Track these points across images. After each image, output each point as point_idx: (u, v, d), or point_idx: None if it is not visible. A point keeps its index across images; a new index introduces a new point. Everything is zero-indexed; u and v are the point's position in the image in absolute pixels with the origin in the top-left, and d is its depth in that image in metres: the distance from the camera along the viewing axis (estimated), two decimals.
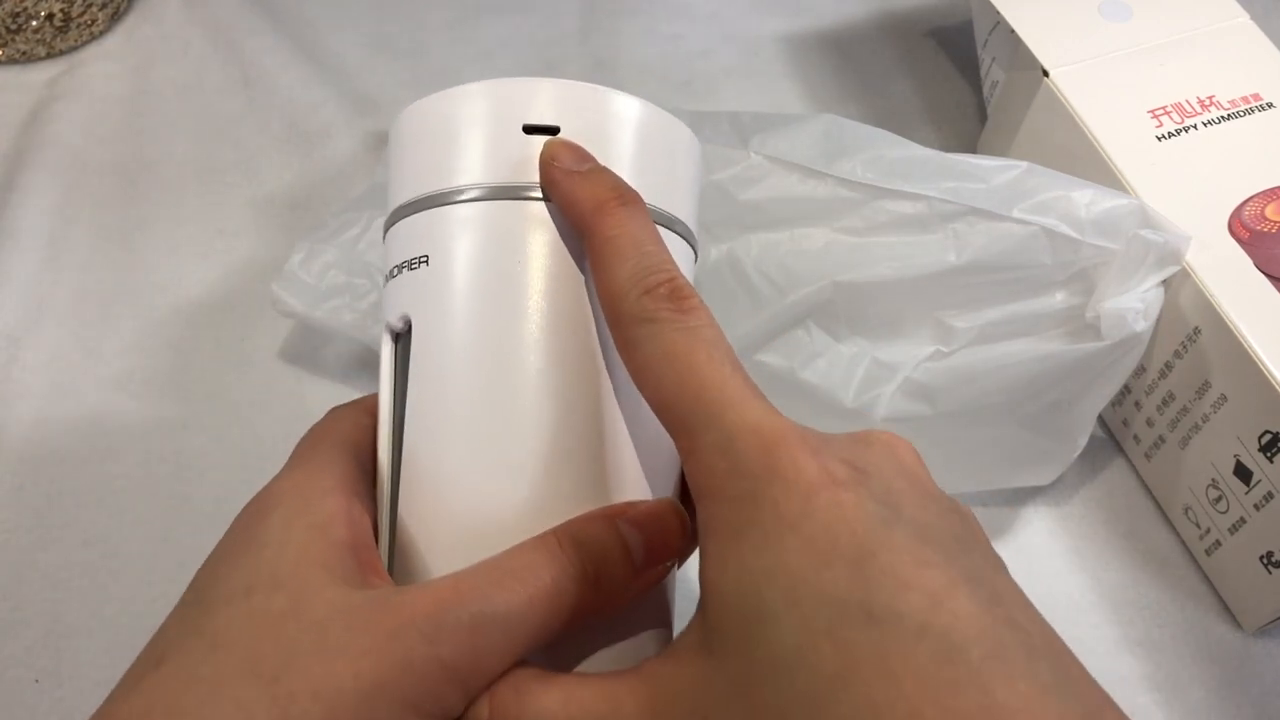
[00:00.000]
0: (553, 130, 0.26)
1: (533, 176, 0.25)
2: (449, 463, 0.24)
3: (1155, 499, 0.43)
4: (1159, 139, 0.42)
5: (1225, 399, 0.38)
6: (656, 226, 0.25)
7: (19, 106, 0.55)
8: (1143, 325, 0.37)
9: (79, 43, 0.57)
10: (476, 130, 0.26)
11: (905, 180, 0.39)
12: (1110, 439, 0.45)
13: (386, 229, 0.27)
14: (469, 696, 0.22)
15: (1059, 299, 0.39)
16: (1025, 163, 0.39)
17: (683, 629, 0.22)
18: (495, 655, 0.22)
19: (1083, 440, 0.40)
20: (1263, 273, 0.39)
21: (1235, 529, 0.39)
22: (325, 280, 0.43)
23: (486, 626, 0.21)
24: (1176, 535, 0.43)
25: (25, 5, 0.54)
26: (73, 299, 0.47)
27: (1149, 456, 0.43)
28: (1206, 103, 0.43)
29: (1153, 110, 0.43)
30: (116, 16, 0.59)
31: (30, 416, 0.44)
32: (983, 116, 0.55)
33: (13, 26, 0.55)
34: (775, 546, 0.20)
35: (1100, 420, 0.45)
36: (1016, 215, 0.38)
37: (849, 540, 0.19)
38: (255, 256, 0.49)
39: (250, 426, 0.44)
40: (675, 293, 0.23)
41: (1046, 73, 0.44)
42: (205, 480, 0.42)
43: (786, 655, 0.19)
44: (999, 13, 0.47)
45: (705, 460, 0.21)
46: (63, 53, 0.57)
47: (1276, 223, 0.40)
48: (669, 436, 0.23)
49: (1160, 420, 0.42)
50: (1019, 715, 0.17)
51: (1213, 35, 0.46)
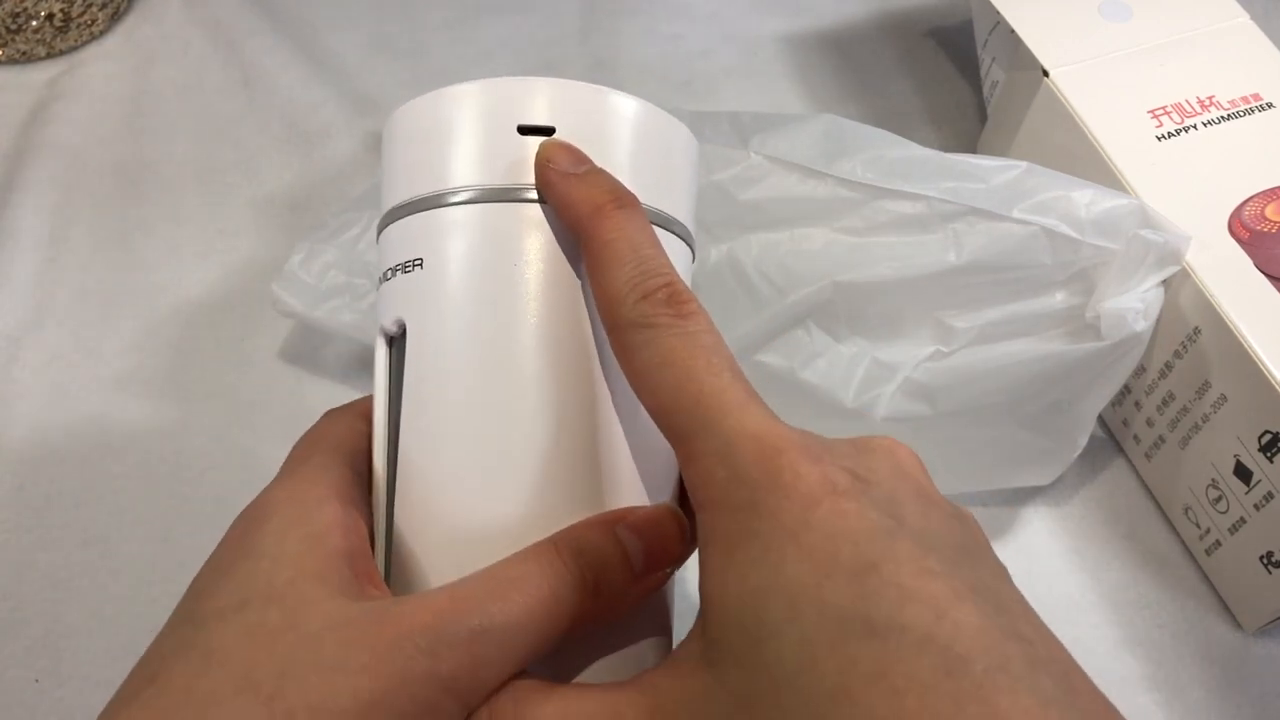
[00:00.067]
0: (548, 131, 0.25)
1: (528, 178, 0.25)
2: (445, 469, 0.24)
3: (1155, 499, 0.43)
4: (1159, 139, 0.42)
5: (1225, 399, 0.38)
6: (654, 228, 0.25)
7: (19, 106, 0.55)
8: (1143, 325, 0.37)
9: (79, 43, 0.57)
10: (471, 131, 0.25)
11: (905, 180, 0.39)
12: (1110, 439, 0.45)
13: (380, 230, 0.27)
14: (467, 709, 0.21)
15: (1059, 299, 0.39)
16: (1025, 163, 0.39)
17: (683, 639, 0.22)
18: (494, 667, 0.21)
19: (1083, 440, 0.40)
20: (1263, 273, 0.39)
21: (1235, 529, 0.39)
22: (325, 280, 0.43)
23: (485, 638, 0.21)
24: (1176, 535, 0.43)
25: (25, 5, 0.54)
26: (73, 299, 0.47)
27: (1149, 456, 0.43)
28: (1206, 103, 0.43)
29: (1153, 110, 0.43)
30: (116, 16, 0.59)
31: (30, 416, 0.44)
32: (983, 116, 0.55)
33: (13, 26, 0.55)
34: (776, 558, 0.19)
35: (1100, 420, 0.45)
36: (1016, 215, 0.38)
37: (850, 551, 0.19)
38: (255, 256, 0.49)
39: (250, 426, 0.44)
40: (673, 297, 0.23)
41: (1046, 73, 0.44)
42: (205, 480, 0.42)
43: (788, 669, 0.19)
44: (999, 13, 0.47)
45: (704, 468, 0.21)
46: (63, 53, 0.57)
47: (1276, 223, 0.40)
48: (667, 441, 0.23)
49: (1160, 420, 0.42)
50: None
51: (1213, 35, 0.46)
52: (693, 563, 0.24)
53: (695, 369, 0.22)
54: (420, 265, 0.25)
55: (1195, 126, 0.43)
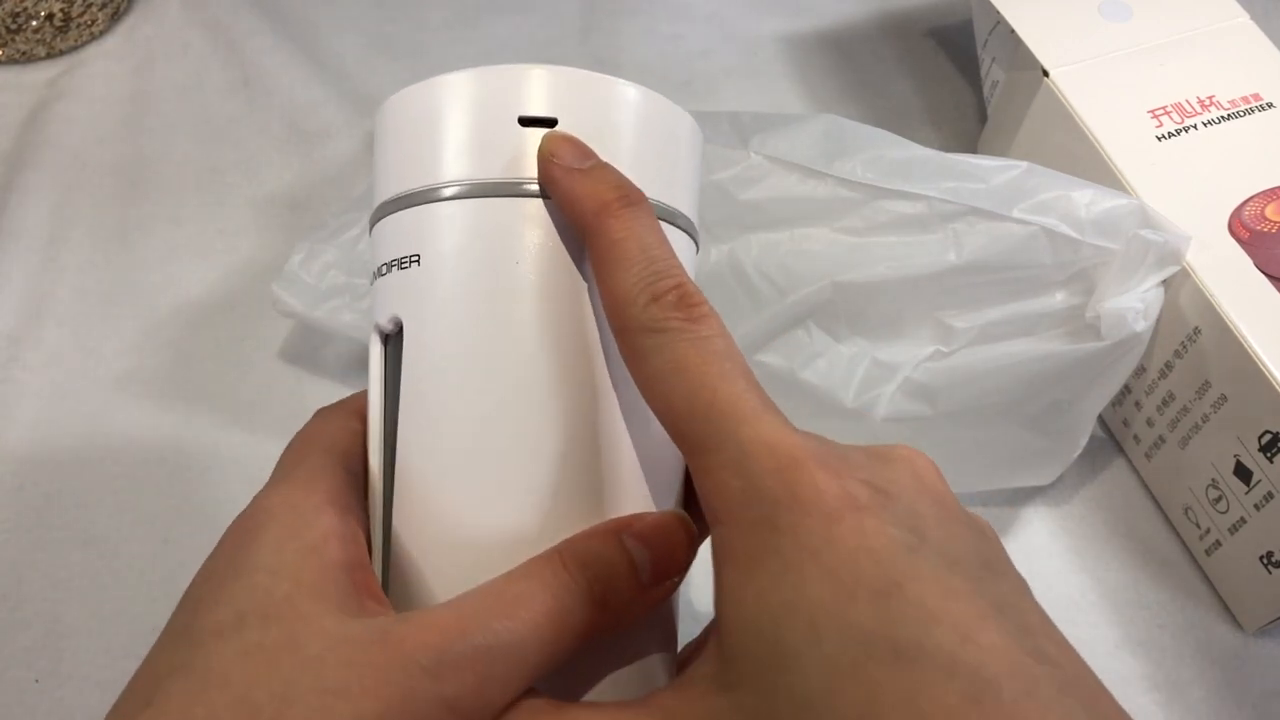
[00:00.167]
0: (550, 122, 0.24)
1: (530, 172, 0.24)
2: (445, 473, 0.24)
3: (1155, 499, 0.43)
4: (1159, 139, 0.42)
5: (1225, 399, 0.38)
6: (661, 225, 0.24)
7: (19, 106, 0.55)
8: (1143, 325, 0.37)
9: (79, 43, 0.57)
10: (469, 122, 0.24)
11: (905, 180, 0.39)
12: (1110, 439, 0.45)
13: (373, 224, 0.26)
14: None
15: (1059, 299, 0.39)
16: (1025, 163, 0.39)
17: (695, 657, 0.22)
18: (500, 686, 0.21)
19: (1083, 440, 0.40)
20: (1263, 273, 0.39)
21: (1235, 529, 0.39)
22: (325, 280, 0.43)
23: (492, 658, 0.20)
24: (1176, 535, 0.43)
25: (25, 5, 0.54)
26: (73, 299, 0.47)
27: (1149, 456, 0.43)
28: (1206, 103, 0.43)
29: (1153, 110, 0.43)
30: (116, 16, 0.59)
31: (30, 416, 0.44)
32: (983, 116, 0.55)
33: (13, 26, 0.55)
34: (796, 578, 0.19)
35: (1100, 420, 0.45)
36: (1016, 215, 0.38)
37: (873, 570, 0.19)
38: (255, 256, 0.49)
39: (250, 426, 0.44)
40: (684, 299, 0.22)
41: (1046, 73, 0.44)
42: (205, 480, 0.42)
43: (809, 695, 0.18)
44: (999, 13, 0.47)
45: (719, 481, 0.20)
46: (63, 53, 0.57)
47: (1276, 223, 0.40)
48: (673, 444, 0.22)
49: (1160, 420, 0.42)
50: None
51: (1213, 35, 0.46)
52: (695, 576, 0.24)
53: (708, 376, 0.21)
54: (417, 262, 0.24)
55: (1195, 126, 0.43)
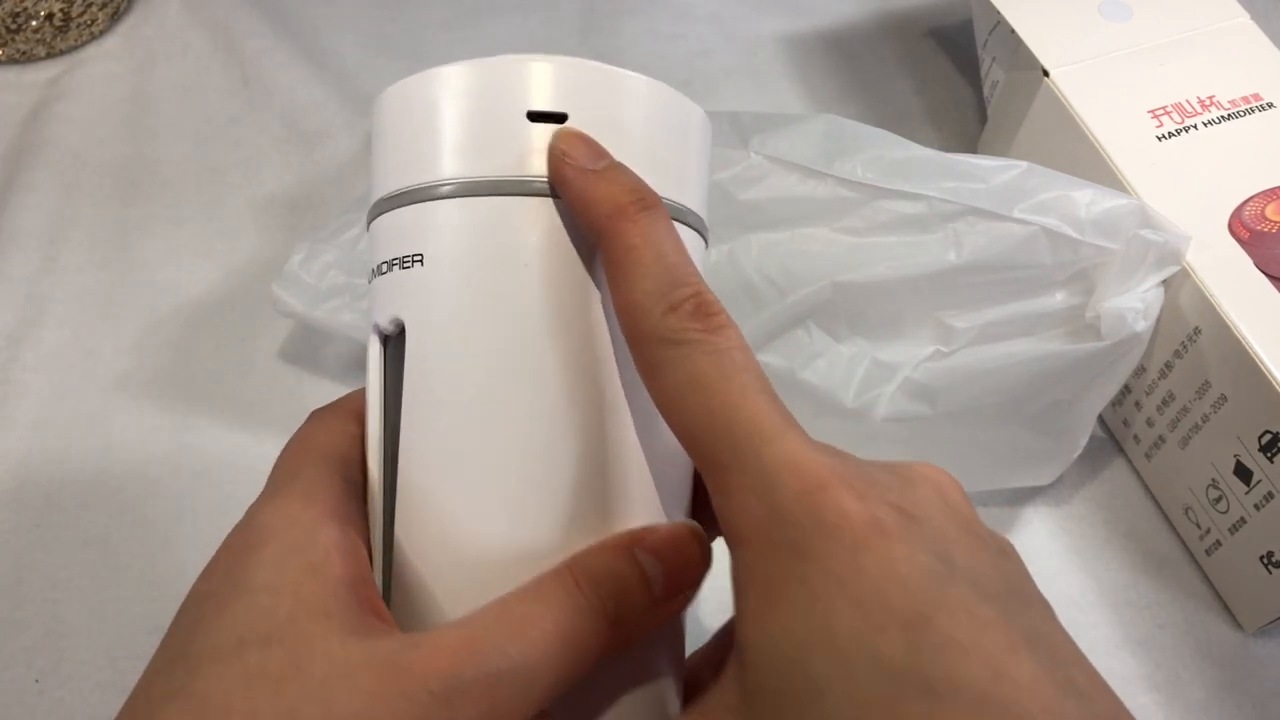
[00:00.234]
0: (559, 117, 0.23)
1: (539, 169, 0.23)
2: (450, 483, 0.23)
3: (1155, 499, 0.43)
4: (1159, 139, 0.42)
5: (1225, 399, 0.38)
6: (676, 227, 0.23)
7: (19, 106, 0.55)
8: (1143, 325, 0.37)
9: (79, 43, 0.57)
10: (476, 115, 0.23)
11: (905, 180, 0.39)
12: (1110, 439, 0.45)
13: (372, 219, 0.25)
14: None
15: (1059, 299, 0.39)
16: (1025, 163, 0.39)
17: (713, 684, 0.21)
18: (513, 712, 0.20)
19: (1083, 440, 0.40)
20: (1263, 273, 0.39)
21: (1235, 529, 0.39)
22: (325, 280, 0.43)
23: (504, 682, 0.20)
24: (1176, 535, 0.43)
25: (25, 5, 0.54)
26: (73, 299, 0.47)
27: (1149, 456, 0.43)
28: (1207, 103, 0.43)
29: (1153, 110, 0.43)
30: (116, 16, 0.59)
31: (30, 416, 0.44)
32: (983, 116, 0.55)
33: (13, 26, 0.55)
34: (823, 607, 0.18)
35: (1100, 420, 0.45)
36: (1016, 215, 0.38)
37: (902, 600, 0.18)
38: (255, 256, 0.49)
39: (250, 426, 0.44)
40: (701, 308, 0.21)
41: (1046, 73, 0.44)
42: (205, 480, 0.42)
43: None
44: (999, 13, 0.47)
45: (740, 501, 0.20)
46: (63, 53, 0.57)
47: (1277, 223, 0.40)
48: (683, 451, 0.21)
49: (1160, 420, 0.42)
50: None
51: (1213, 35, 0.46)
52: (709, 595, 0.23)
53: (728, 391, 0.20)
54: (420, 261, 0.23)
55: (1195, 126, 0.43)
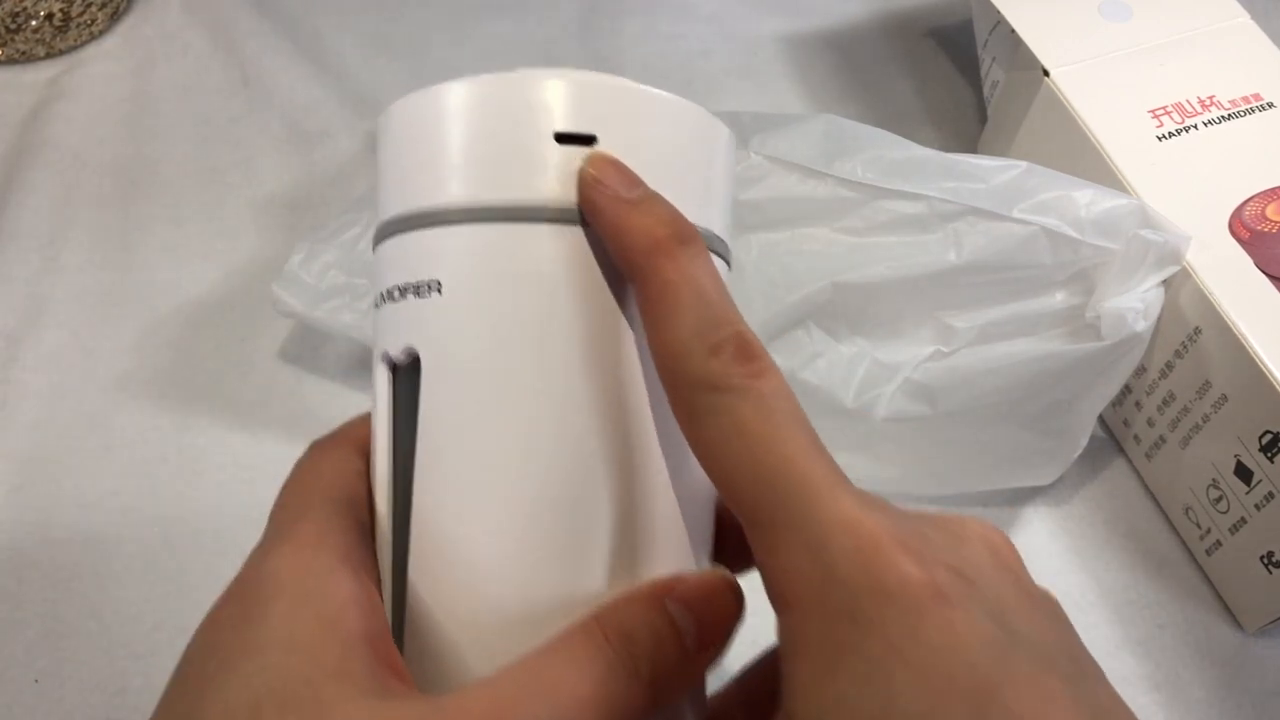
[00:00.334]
0: (588, 139, 0.22)
1: (569, 195, 0.21)
2: (473, 528, 0.21)
3: (1155, 499, 0.43)
4: (1159, 139, 0.42)
5: (1226, 399, 0.38)
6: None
7: (19, 106, 0.55)
8: (1143, 325, 0.37)
9: (79, 43, 0.57)
10: (499, 134, 0.22)
11: (905, 180, 0.39)
12: (1111, 439, 0.45)
13: (381, 239, 0.23)
14: None
15: (1059, 299, 0.39)
16: (1025, 163, 0.39)
17: None
18: None
19: (1083, 440, 0.40)
20: (1263, 273, 0.39)
21: (1236, 529, 0.39)
22: (325, 280, 0.43)
23: None
24: (1177, 535, 0.43)
25: (25, 5, 0.54)
26: (73, 299, 0.47)
27: (1149, 456, 0.43)
28: (1207, 102, 0.43)
29: (1153, 110, 0.43)
30: (116, 16, 0.59)
31: (30, 416, 0.44)
32: (983, 116, 0.55)
33: (12, 26, 0.55)
34: (883, 680, 0.17)
35: (1101, 420, 0.45)
36: (1016, 215, 0.38)
37: (966, 673, 0.17)
38: (255, 256, 0.49)
39: (250, 426, 0.44)
40: (744, 351, 0.20)
41: (1047, 73, 0.44)
42: (205, 480, 0.42)
43: None
44: (999, 13, 0.47)
45: (790, 563, 0.19)
46: (63, 53, 0.57)
47: (1277, 222, 0.40)
48: (709, 488, 0.20)
49: (1161, 420, 0.42)
50: None
51: (1213, 35, 0.46)
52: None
53: (775, 442, 0.19)
54: (438, 290, 0.22)
55: (1196, 126, 0.43)
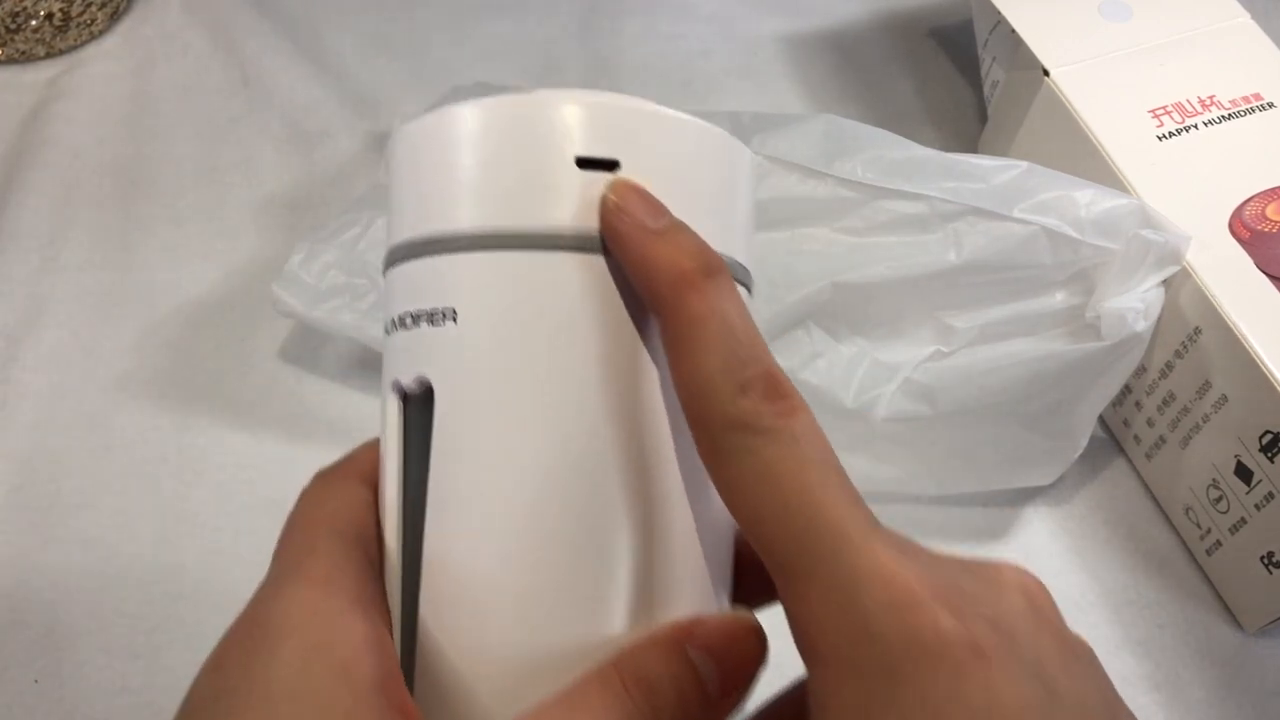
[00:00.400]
0: (611, 164, 0.21)
1: (591, 223, 0.21)
2: (489, 567, 0.21)
3: (1156, 499, 0.43)
4: (1159, 139, 0.42)
5: (1226, 399, 0.38)
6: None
7: (19, 106, 0.55)
8: (1143, 325, 0.37)
9: (79, 42, 0.57)
10: (519, 158, 0.21)
11: (905, 180, 0.39)
12: (1111, 439, 0.45)
13: (392, 263, 0.22)
14: None
15: (1059, 299, 0.39)
16: (1025, 163, 0.39)
17: None
18: None
19: (1083, 440, 0.40)
20: (1263, 273, 0.39)
21: (1236, 529, 0.39)
22: (325, 280, 0.43)
23: None
24: (1177, 535, 0.43)
25: (25, 5, 0.54)
26: (73, 299, 0.47)
27: (1150, 456, 0.43)
28: (1207, 102, 0.43)
29: (1153, 110, 0.43)
30: (116, 16, 0.59)
31: (30, 416, 0.44)
32: (983, 116, 0.55)
33: (12, 26, 0.55)
34: None
35: (1101, 420, 0.45)
36: (1017, 215, 0.38)
37: None
38: (255, 256, 0.49)
39: (250, 426, 0.44)
40: (773, 390, 0.19)
41: (1047, 73, 0.44)
42: (205, 480, 0.42)
43: None
44: (999, 13, 0.47)
45: (821, 615, 0.18)
46: (62, 52, 0.57)
47: (1277, 222, 0.40)
48: (729, 523, 0.20)
49: (1161, 420, 0.42)
50: None
51: (1213, 35, 0.46)
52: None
53: (806, 486, 0.18)
54: (453, 319, 0.21)
55: (1196, 126, 0.43)
